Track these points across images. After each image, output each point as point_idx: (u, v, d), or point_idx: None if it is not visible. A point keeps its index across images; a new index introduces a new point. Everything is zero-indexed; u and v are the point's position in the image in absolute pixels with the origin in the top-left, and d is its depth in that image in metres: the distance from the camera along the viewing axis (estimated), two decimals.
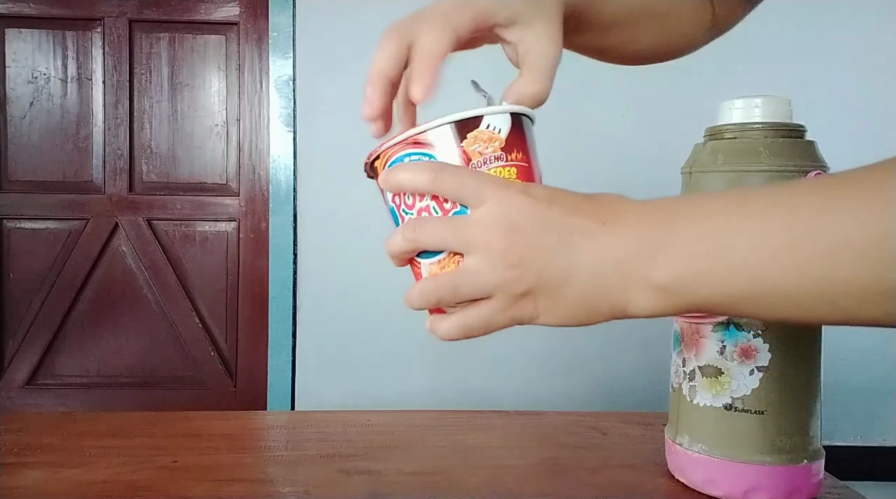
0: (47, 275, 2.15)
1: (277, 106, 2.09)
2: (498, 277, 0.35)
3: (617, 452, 0.71)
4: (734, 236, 0.32)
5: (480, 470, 0.66)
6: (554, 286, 0.35)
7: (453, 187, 0.36)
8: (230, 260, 2.18)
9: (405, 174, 0.37)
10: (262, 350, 2.14)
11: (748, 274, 0.31)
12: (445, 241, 0.36)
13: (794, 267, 0.30)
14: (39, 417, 0.84)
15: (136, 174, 2.16)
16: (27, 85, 2.13)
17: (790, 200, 0.31)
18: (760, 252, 0.31)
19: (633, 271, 0.34)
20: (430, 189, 0.37)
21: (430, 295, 0.37)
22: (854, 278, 0.29)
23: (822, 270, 0.29)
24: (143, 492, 0.61)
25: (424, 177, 0.36)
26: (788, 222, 0.30)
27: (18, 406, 2.15)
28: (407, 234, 0.37)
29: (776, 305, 0.32)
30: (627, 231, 0.35)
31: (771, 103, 0.59)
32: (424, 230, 0.37)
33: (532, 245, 0.35)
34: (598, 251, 0.35)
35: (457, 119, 0.37)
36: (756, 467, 0.57)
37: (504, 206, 0.35)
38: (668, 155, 1.08)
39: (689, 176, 0.62)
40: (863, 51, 2.06)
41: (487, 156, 0.38)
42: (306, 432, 0.77)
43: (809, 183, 0.33)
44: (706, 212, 0.34)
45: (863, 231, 0.28)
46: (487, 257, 0.35)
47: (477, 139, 0.37)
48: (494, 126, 0.38)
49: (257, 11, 2.13)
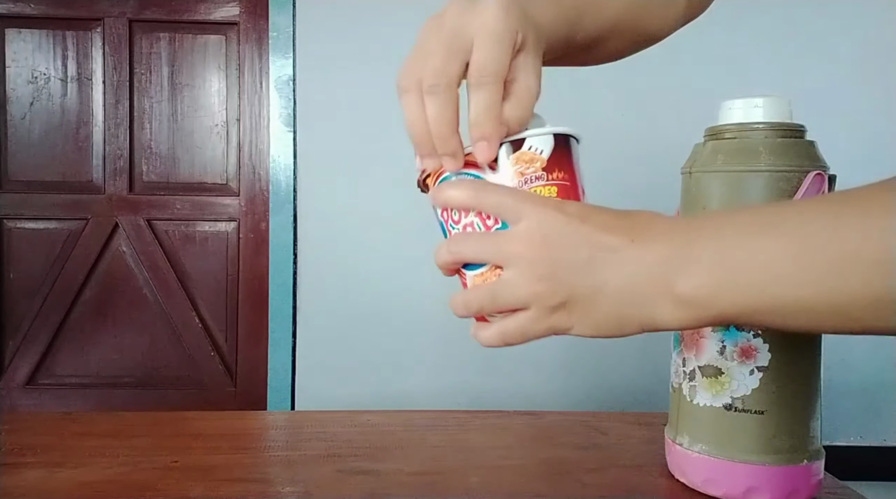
0: (47, 275, 2.15)
1: (277, 106, 2.09)
2: (532, 289, 0.38)
3: (617, 452, 0.71)
4: (751, 252, 0.34)
5: (480, 470, 0.66)
6: (585, 299, 0.37)
7: (493, 204, 0.38)
8: (230, 260, 2.18)
9: (452, 191, 0.40)
10: (262, 350, 2.14)
11: (764, 287, 0.33)
12: (485, 254, 0.39)
13: (807, 280, 0.32)
14: (39, 417, 0.84)
15: (136, 174, 2.16)
16: (27, 85, 2.13)
17: (801, 216, 0.34)
18: (775, 266, 0.33)
19: (658, 285, 0.36)
20: (472, 205, 0.39)
21: (472, 304, 0.40)
22: (864, 289, 0.30)
23: (833, 283, 0.31)
24: (143, 492, 0.61)
25: (468, 194, 0.39)
26: (800, 238, 0.32)
27: (18, 406, 2.15)
28: (451, 247, 0.40)
29: (792, 317, 0.34)
30: (653, 247, 0.37)
31: (771, 103, 0.59)
32: (467, 244, 0.40)
33: (563, 260, 0.37)
34: (626, 266, 0.37)
35: (505, 141, 0.40)
36: (756, 467, 0.57)
37: (539, 222, 0.37)
38: (668, 155, 1.08)
39: (689, 176, 0.62)
40: (863, 50, 2.06)
41: (529, 175, 0.40)
42: (306, 432, 0.77)
43: (820, 200, 0.36)
44: (726, 230, 0.36)
45: (870, 243, 0.30)
46: (522, 270, 0.38)
47: (520, 160, 0.40)
48: (536, 147, 0.40)
49: (257, 11, 2.13)
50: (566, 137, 0.42)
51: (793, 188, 0.56)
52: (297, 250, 2.10)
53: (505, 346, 0.41)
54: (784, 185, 0.56)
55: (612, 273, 0.37)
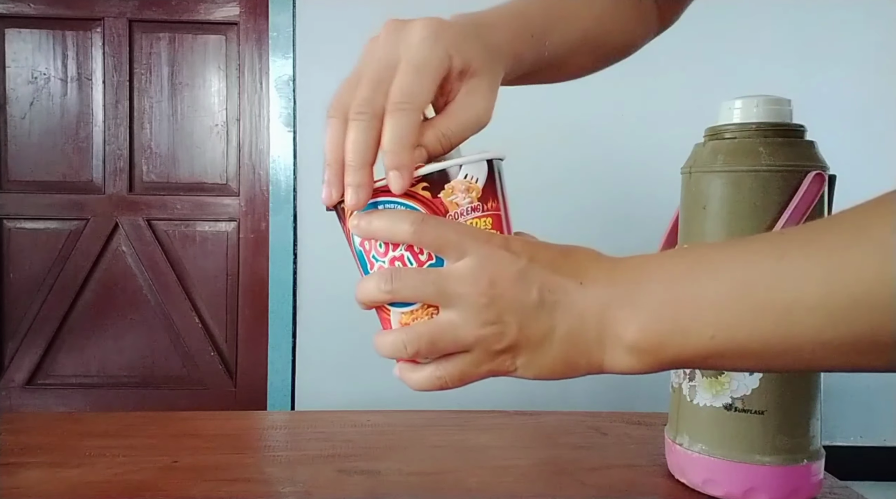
0: (47, 275, 2.15)
1: (277, 106, 2.09)
2: (476, 333, 0.35)
3: (617, 452, 0.71)
4: (694, 299, 0.33)
5: (480, 470, 0.66)
6: (533, 344, 0.35)
7: (434, 240, 0.35)
8: (230, 260, 2.18)
9: (383, 222, 0.36)
10: (262, 350, 2.14)
11: (710, 335, 0.32)
12: (424, 294, 0.36)
13: (750, 326, 0.31)
14: (39, 417, 0.84)
15: (136, 174, 2.16)
16: (27, 85, 2.13)
17: (746, 258, 0.32)
18: (718, 314, 0.32)
19: (606, 330, 0.35)
20: (410, 240, 0.36)
21: (406, 347, 0.37)
22: (811, 333, 0.30)
23: (780, 328, 0.30)
24: (143, 492, 0.61)
25: (405, 228, 0.35)
26: (742, 283, 0.32)
27: (18, 406, 2.15)
28: (383, 285, 0.36)
29: (742, 361, 0.33)
30: (601, 290, 0.35)
31: (771, 103, 0.59)
32: (403, 281, 0.36)
33: (513, 301, 0.35)
34: (574, 310, 0.35)
35: (436, 170, 0.36)
36: (756, 467, 0.57)
37: (485, 260, 0.35)
38: (668, 155, 1.08)
39: (689, 176, 0.62)
40: (863, 51, 2.06)
41: (464, 207, 0.37)
42: (306, 432, 0.77)
43: (764, 240, 0.34)
44: (670, 273, 0.34)
45: (814, 288, 0.29)
46: (467, 313, 0.35)
47: (455, 190, 0.37)
48: (472, 176, 0.37)
49: (257, 11, 2.13)
50: (492, 163, 0.38)
51: (793, 188, 0.56)
52: (297, 250, 2.10)
53: (440, 390, 0.38)
54: (784, 185, 0.56)
55: (562, 317, 0.35)
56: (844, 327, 0.29)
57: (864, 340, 0.29)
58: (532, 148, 2.01)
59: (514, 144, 2.25)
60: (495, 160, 0.38)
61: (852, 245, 0.29)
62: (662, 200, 1.15)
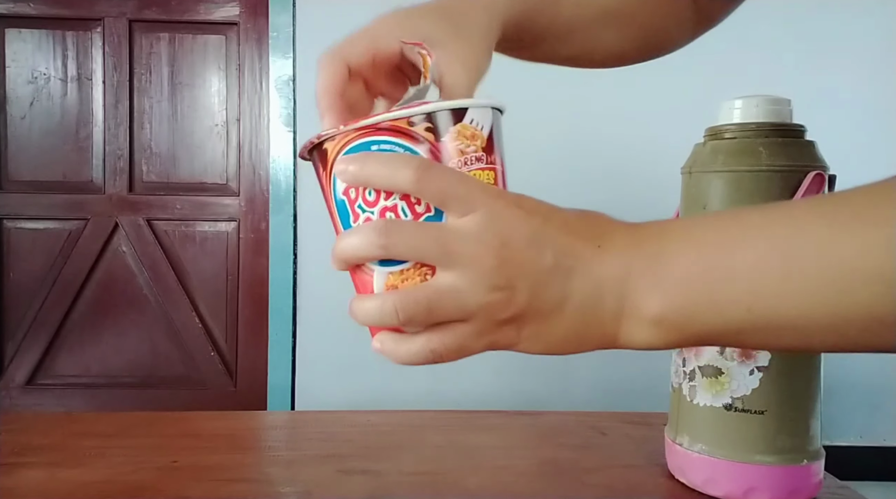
0: (47, 275, 2.15)
1: (277, 106, 2.09)
2: (482, 300, 0.31)
3: (617, 452, 0.71)
4: (730, 267, 0.30)
5: (480, 470, 0.66)
6: (544, 313, 0.32)
7: (439, 190, 0.31)
8: (230, 260, 2.18)
9: (380, 168, 0.31)
10: (262, 350, 2.14)
11: (747, 307, 0.30)
12: (425, 251, 0.31)
13: (795, 298, 0.29)
14: (39, 417, 0.84)
15: (136, 174, 2.16)
16: (27, 85, 2.13)
17: (788, 225, 0.30)
18: (759, 283, 0.29)
19: (625, 300, 0.32)
20: (411, 190, 0.31)
21: (399, 313, 0.31)
22: (863, 308, 0.27)
23: (829, 300, 0.28)
24: (143, 492, 0.61)
25: (406, 174, 0.31)
26: (787, 250, 0.29)
27: (18, 406, 2.15)
28: (375, 238, 0.31)
29: (779, 337, 0.31)
30: (620, 256, 0.32)
31: (771, 103, 0.59)
32: (400, 235, 0.31)
33: (525, 264, 0.31)
34: (592, 276, 0.32)
35: (443, 107, 0.32)
36: (756, 467, 0.57)
37: (495, 217, 0.31)
38: (668, 155, 1.08)
39: (689, 176, 0.62)
40: (863, 51, 2.06)
41: (470, 155, 0.33)
42: (306, 432, 0.77)
43: (809, 206, 0.31)
44: (699, 240, 0.31)
45: (867, 258, 0.27)
46: (472, 276, 0.31)
47: (461, 135, 0.33)
48: (478, 122, 0.33)
49: (257, 11, 2.13)
50: (497, 113, 0.35)
51: (793, 188, 0.56)
52: (297, 250, 2.10)
53: (432, 364, 0.33)
54: (784, 185, 0.56)
55: (577, 285, 0.31)
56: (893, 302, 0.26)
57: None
58: (532, 148, 2.01)
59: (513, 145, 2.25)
60: (496, 110, 0.35)
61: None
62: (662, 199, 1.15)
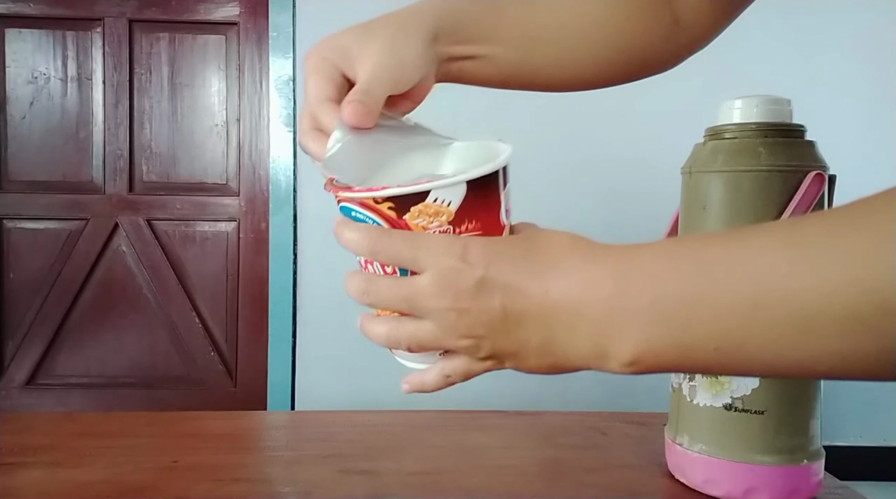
0: (47, 275, 2.14)
1: (277, 106, 2.09)
2: (456, 344, 0.35)
3: (617, 452, 0.71)
4: (692, 308, 0.29)
5: (480, 470, 0.66)
6: (512, 353, 0.35)
7: (390, 257, 0.35)
8: (230, 260, 2.18)
9: (350, 234, 0.36)
10: (262, 350, 2.14)
11: (714, 347, 0.29)
12: (397, 305, 0.36)
13: (761, 339, 0.28)
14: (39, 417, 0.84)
15: (136, 174, 2.16)
16: (27, 85, 2.13)
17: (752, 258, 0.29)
18: (723, 325, 0.29)
19: (586, 343, 0.33)
20: (368, 257, 0.36)
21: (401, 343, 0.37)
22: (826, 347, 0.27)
23: (793, 341, 0.28)
24: (143, 492, 0.61)
25: (363, 245, 0.36)
26: (753, 287, 0.28)
27: (18, 406, 2.15)
28: (360, 296, 0.37)
29: (751, 372, 0.31)
30: (573, 299, 0.32)
31: (771, 103, 0.59)
32: (377, 294, 0.36)
33: (480, 316, 0.34)
34: (546, 321, 0.33)
35: (399, 194, 0.35)
36: (756, 467, 0.57)
37: (443, 274, 0.34)
38: (668, 155, 1.08)
39: (689, 176, 0.62)
40: (863, 50, 2.06)
41: (433, 230, 0.35)
42: (306, 432, 0.77)
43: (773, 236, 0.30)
44: (661, 273, 0.31)
45: (832, 300, 0.26)
46: (441, 326, 0.35)
47: (422, 213, 0.35)
48: (444, 199, 0.35)
49: (257, 11, 2.13)
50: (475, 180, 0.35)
51: (793, 188, 0.56)
52: (297, 250, 2.10)
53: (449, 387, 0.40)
54: (784, 185, 0.56)
55: (533, 329, 0.33)
56: (870, 339, 0.26)
57: (891, 351, 0.26)
58: (532, 148, 2.01)
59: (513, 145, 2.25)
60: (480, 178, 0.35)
61: (879, 246, 0.25)
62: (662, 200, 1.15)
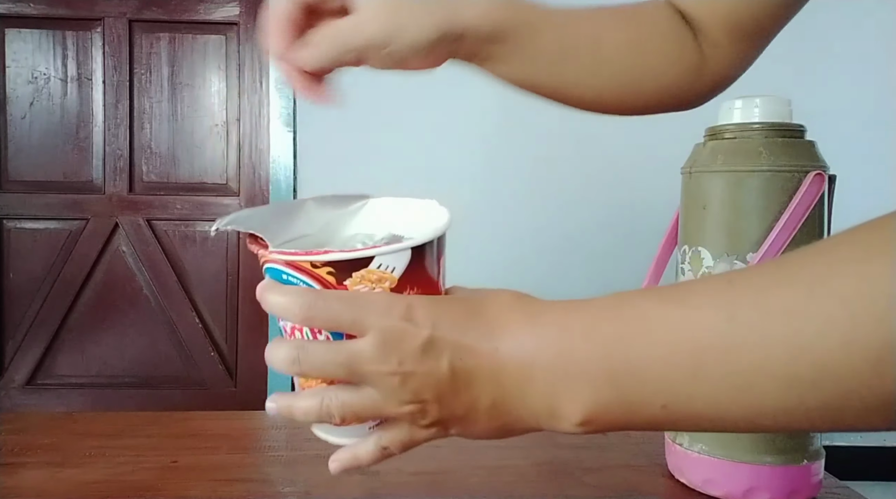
0: (47, 275, 2.15)
1: (277, 106, 2.09)
2: (398, 411, 0.33)
3: (617, 452, 0.71)
4: (637, 367, 0.29)
5: (480, 470, 0.66)
6: (460, 417, 0.33)
7: (327, 322, 0.32)
8: (230, 260, 2.18)
9: (278, 298, 0.33)
10: (262, 350, 2.12)
11: (661, 404, 0.29)
12: (333, 373, 0.33)
13: (707, 397, 0.28)
14: (39, 417, 0.84)
15: (136, 174, 2.16)
16: (27, 85, 2.13)
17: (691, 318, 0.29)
18: (667, 383, 0.29)
19: (536, 405, 0.32)
20: (300, 323, 0.33)
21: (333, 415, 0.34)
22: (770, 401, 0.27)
23: (737, 398, 0.28)
24: (143, 492, 0.61)
25: (294, 311, 0.32)
26: (693, 348, 0.28)
27: (18, 406, 2.15)
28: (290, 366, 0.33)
29: (701, 428, 0.32)
30: (523, 354, 0.32)
31: (771, 103, 0.59)
32: (311, 362, 0.33)
33: (426, 378, 0.32)
34: (495, 380, 0.32)
35: (342, 259, 0.32)
36: (756, 467, 0.57)
37: (387, 338, 0.31)
38: (668, 155, 1.08)
39: (689, 176, 0.62)
40: (863, 51, 2.06)
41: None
42: (306, 431, 0.76)
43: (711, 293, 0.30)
44: (605, 335, 0.31)
45: (774, 354, 0.26)
46: (383, 393, 0.32)
47: (364, 279, 0.33)
48: (387, 265, 0.33)
49: (257, 11, 2.13)
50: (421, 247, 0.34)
51: (792, 188, 0.56)
52: None
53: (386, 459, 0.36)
54: (784, 185, 0.56)
55: (482, 389, 0.32)
56: (811, 396, 0.26)
57: (832, 407, 0.26)
58: (531, 148, 2.01)
59: (513, 145, 2.25)
60: (424, 243, 0.34)
61: (811, 301, 0.26)
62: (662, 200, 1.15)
